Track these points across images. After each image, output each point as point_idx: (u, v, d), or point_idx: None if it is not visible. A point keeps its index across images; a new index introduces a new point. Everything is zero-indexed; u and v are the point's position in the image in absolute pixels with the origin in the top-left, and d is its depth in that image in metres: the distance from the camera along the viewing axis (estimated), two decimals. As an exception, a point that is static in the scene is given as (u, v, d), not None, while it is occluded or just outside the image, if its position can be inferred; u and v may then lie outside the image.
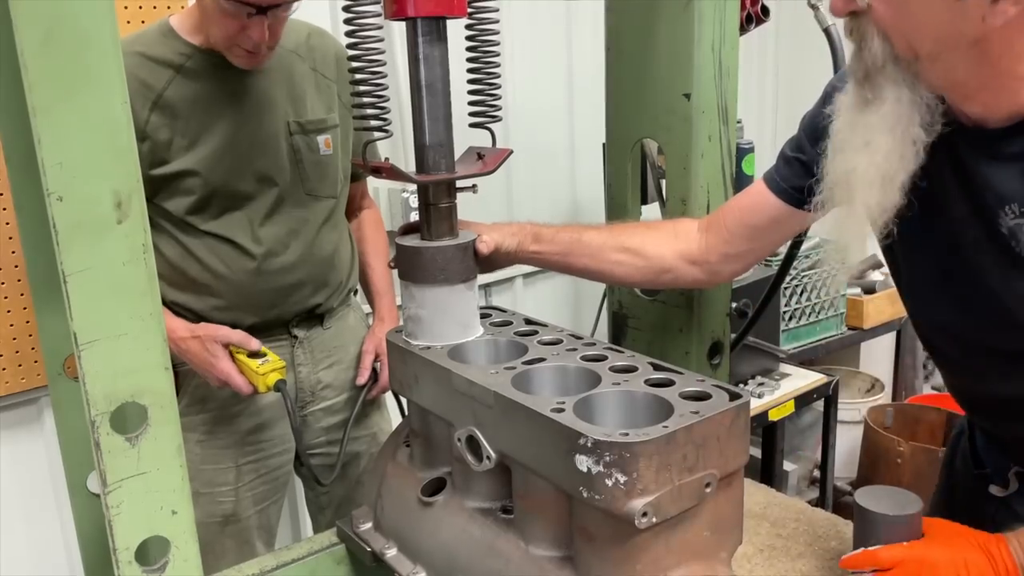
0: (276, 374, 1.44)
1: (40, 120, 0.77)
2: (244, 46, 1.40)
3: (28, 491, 1.82)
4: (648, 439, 0.85)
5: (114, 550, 0.88)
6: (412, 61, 1.11)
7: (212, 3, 1.35)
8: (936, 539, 0.98)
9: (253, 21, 1.36)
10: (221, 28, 1.38)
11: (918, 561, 0.96)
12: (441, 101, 1.13)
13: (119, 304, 0.84)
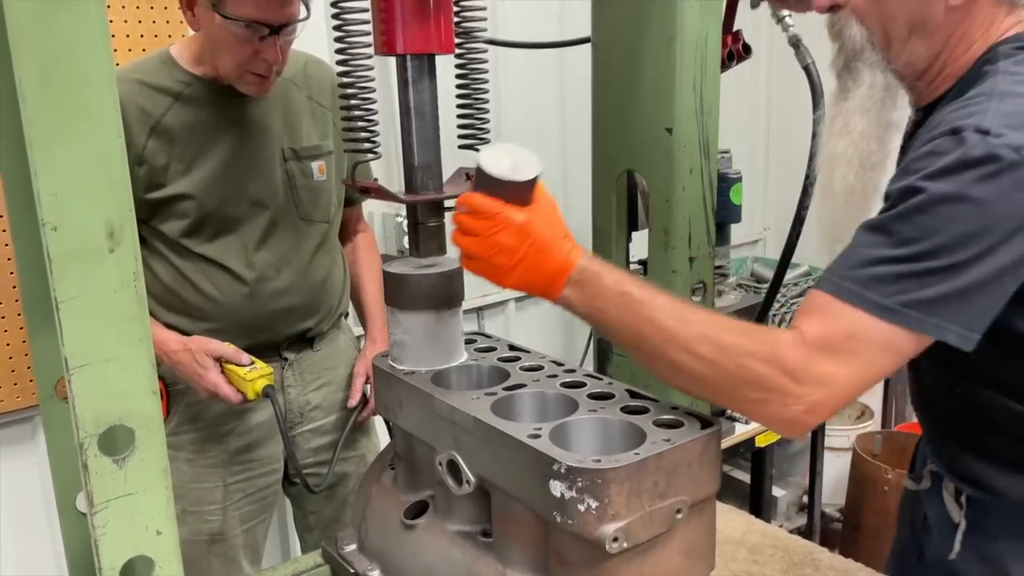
0: (264, 380, 1.46)
1: (37, 153, 0.81)
2: (257, 70, 1.45)
3: (21, 508, 1.84)
4: (619, 466, 0.88)
5: (99, 569, 0.90)
6: (401, 86, 1.15)
7: (223, 32, 1.39)
8: (536, 212, 0.98)
9: (266, 43, 1.41)
10: (233, 55, 1.42)
11: (501, 216, 0.96)
12: (429, 124, 1.16)
13: (109, 330, 0.86)
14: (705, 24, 1.30)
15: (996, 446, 1.08)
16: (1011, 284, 0.89)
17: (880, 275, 0.89)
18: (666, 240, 1.39)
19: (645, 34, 1.33)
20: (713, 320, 0.95)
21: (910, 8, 0.99)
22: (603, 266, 0.99)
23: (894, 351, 0.90)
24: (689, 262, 1.40)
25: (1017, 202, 0.85)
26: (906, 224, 0.89)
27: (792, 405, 0.89)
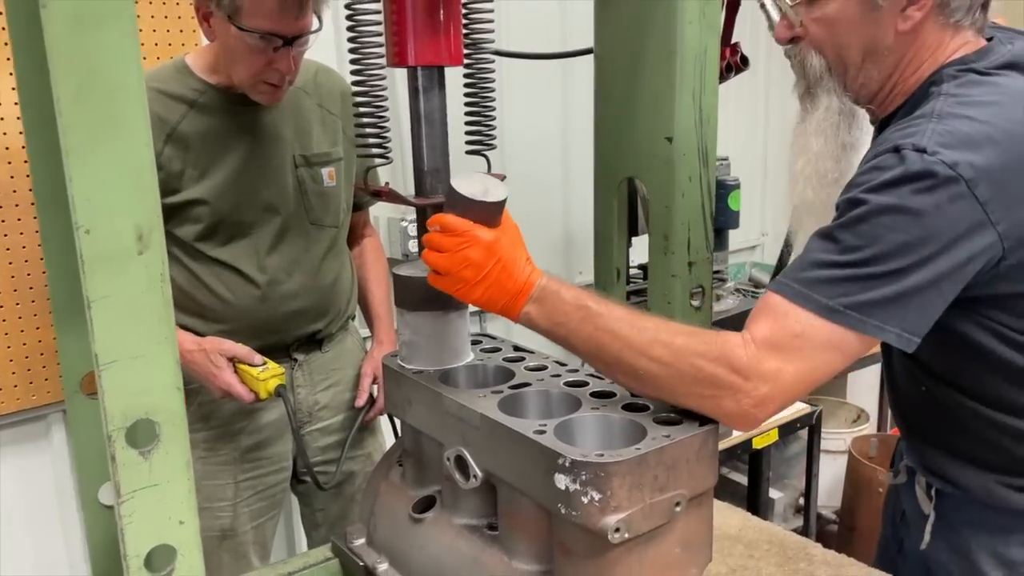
0: (276, 380, 1.50)
1: (72, 161, 0.85)
2: (270, 80, 1.49)
3: (34, 505, 1.88)
4: (621, 460, 0.92)
5: (125, 556, 0.94)
6: (412, 95, 1.20)
7: (238, 43, 1.44)
8: (502, 233, 1.04)
9: (280, 54, 1.46)
10: (248, 66, 1.47)
11: (470, 234, 1.02)
12: (439, 130, 1.21)
13: (137, 329, 0.91)
14: (704, 38, 1.35)
15: (960, 444, 1.14)
16: (949, 291, 0.95)
17: (825, 278, 0.95)
18: (666, 245, 1.44)
19: (646, 47, 1.38)
20: (665, 326, 1.01)
21: (862, 36, 1.07)
22: (561, 284, 1.05)
23: (838, 349, 0.96)
24: (688, 267, 1.44)
25: (952, 214, 0.92)
26: (850, 233, 0.95)
27: (742, 400, 0.95)
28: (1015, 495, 1.10)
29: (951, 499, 1.18)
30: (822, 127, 1.14)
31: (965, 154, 0.93)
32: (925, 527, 1.21)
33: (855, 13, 1.06)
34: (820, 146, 1.14)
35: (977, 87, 1.01)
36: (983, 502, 1.13)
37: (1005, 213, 0.94)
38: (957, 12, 1.06)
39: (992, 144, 0.94)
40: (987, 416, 1.10)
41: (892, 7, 1.05)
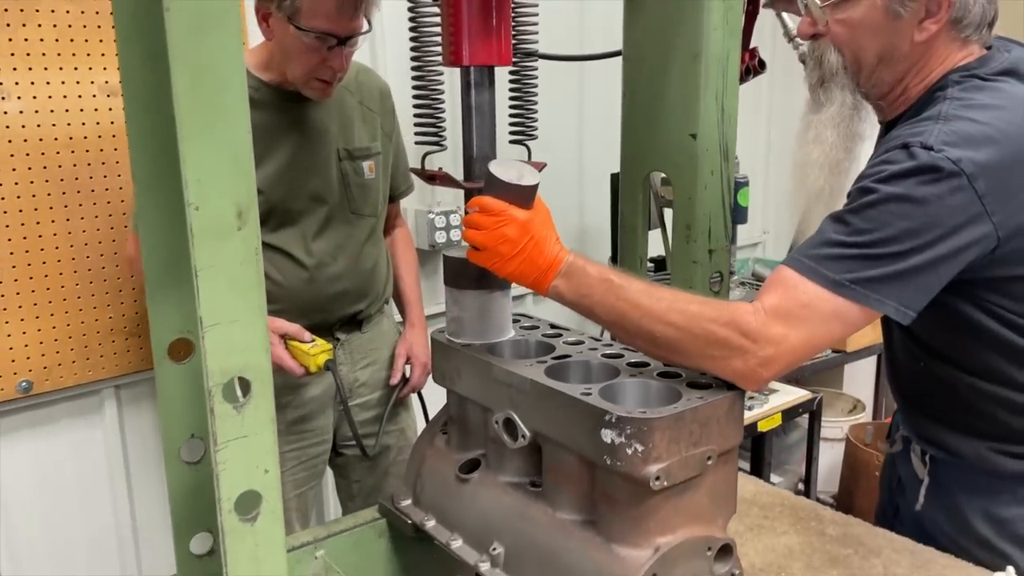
0: (325, 355, 1.61)
1: (185, 145, 0.97)
2: (323, 77, 1.61)
3: (86, 475, 1.99)
4: (662, 416, 1.05)
5: (218, 500, 1.06)
6: (464, 90, 1.32)
7: (296, 42, 1.55)
8: (535, 214, 1.16)
9: (333, 53, 1.58)
10: (303, 63, 1.58)
11: (506, 213, 1.14)
12: (487, 121, 1.33)
13: (235, 296, 1.02)
14: (727, 43, 1.47)
15: (953, 413, 1.27)
16: (946, 273, 1.07)
17: (835, 256, 1.07)
18: (688, 234, 1.56)
19: (674, 50, 1.50)
20: (680, 296, 1.14)
21: (881, 41, 1.19)
22: (587, 261, 1.17)
23: (841, 320, 1.07)
24: (708, 254, 1.56)
25: (953, 204, 1.04)
26: (859, 217, 1.07)
27: (749, 360, 1.08)
28: (1006, 460, 1.22)
29: (944, 465, 1.30)
30: (836, 119, 1.26)
31: (967, 151, 1.04)
32: (920, 490, 1.33)
33: (878, 20, 1.18)
34: (835, 137, 1.25)
35: (979, 92, 1.13)
36: (975, 467, 1.25)
37: (1001, 205, 1.06)
38: (968, 29, 1.17)
39: (991, 143, 1.06)
40: (982, 389, 1.22)
41: (912, 19, 1.16)
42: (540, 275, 1.16)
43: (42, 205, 1.80)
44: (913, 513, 1.37)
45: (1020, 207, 1.07)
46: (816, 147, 1.28)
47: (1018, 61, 1.18)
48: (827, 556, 1.29)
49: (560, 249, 1.17)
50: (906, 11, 1.16)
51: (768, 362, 1.07)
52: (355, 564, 1.48)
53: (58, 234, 1.83)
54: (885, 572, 1.23)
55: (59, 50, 1.77)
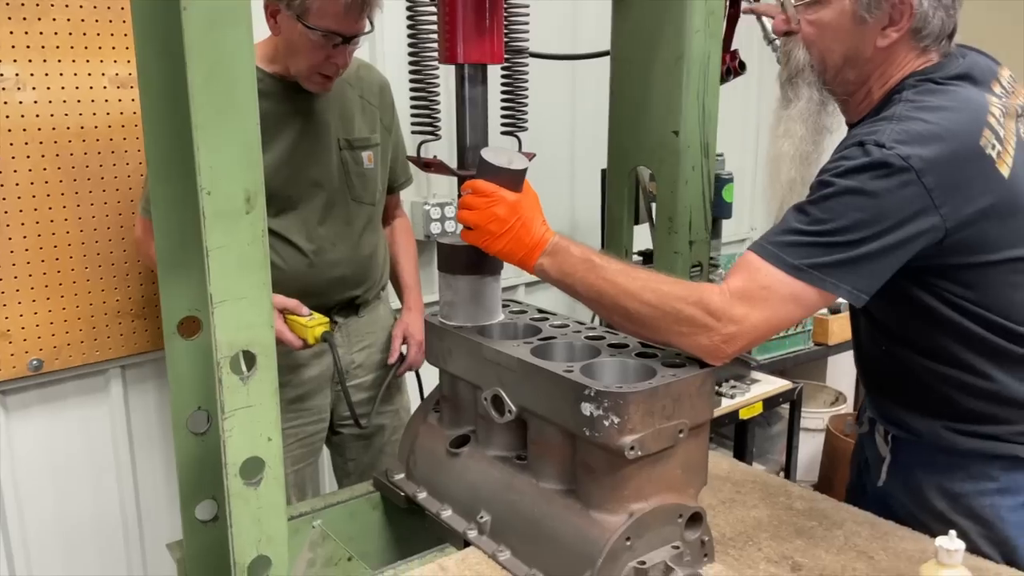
0: (322, 327, 1.66)
1: (199, 134, 1.05)
2: (326, 72, 1.69)
3: (94, 450, 2.06)
4: (637, 390, 1.13)
5: (225, 464, 1.14)
6: (459, 84, 1.40)
7: (303, 39, 1.64)
8: (523, 196, 1.26)
9: (337, 50, 1.66)
10: (308, 58, 1.67)
11: (496, 194, 1.23)
12: (480, 113, 1.41)
13: (243, 274, 1.10)
14: (708, 45, 1.56)
15: (911, 395, 1.36)
16: (896, 260, 1.16)
17: (794, 242, 1.16)
18: (670, 226, 1.64)
19: (658, 52, 1.59)
20: (654, 276, 1.23)
21: (846, 43, 1.28)
22: (571, 242, 1.26)
23: (798, 302, 1.16)
24: (689, 245, 1.65)
25: (903, 197, 1.13)
26: (818, 208, 1.16)
27: (713, 336, 1.16)
28: (959, 438, 1.31)
29: (905, 443, 1.39)
30: (804, 114, 1.34)
31: (916, 149, 1.13)
32: (883, 468, 1.42)
33: (845, 23, 1.26)
34: (803, 131, 1.34)
35: (931, 95, 1.21)
36: (932, 445, 1.34)
37: (948, 199, 1.14)
38: (927, 39, 1.26)
39: (939, 141, 1.14)
40: (936, 371, 1.30)
41: (876, 25, 1.25)
42: (527, 253, 1.24)
43: (54, 191, 1.88)
44: (876, 490, 1.45)
45: (967, 200, 1.16)
46: (786, 141, 1.36)
47: (972, 66, 1.26)
48: (793, 527, 1.37)
49: (546, 230, 1.25)
50: (871, 17, 1.24)
51: (731, 339, 1.16)
52: (350, 533, 1.56)
53: (69, 220, 1.90)
54: (846, 542, 1.32)
55: (72, 43, 1.84)
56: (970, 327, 1.24)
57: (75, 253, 1.92)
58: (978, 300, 1.22)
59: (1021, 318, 1.23)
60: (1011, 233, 1.19)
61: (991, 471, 1.28)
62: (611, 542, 1.14)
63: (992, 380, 1.26)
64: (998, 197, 1.17)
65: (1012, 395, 1.25)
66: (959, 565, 1.03)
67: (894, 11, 1.23)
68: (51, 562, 2.05)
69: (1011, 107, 1.25)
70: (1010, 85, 1.29)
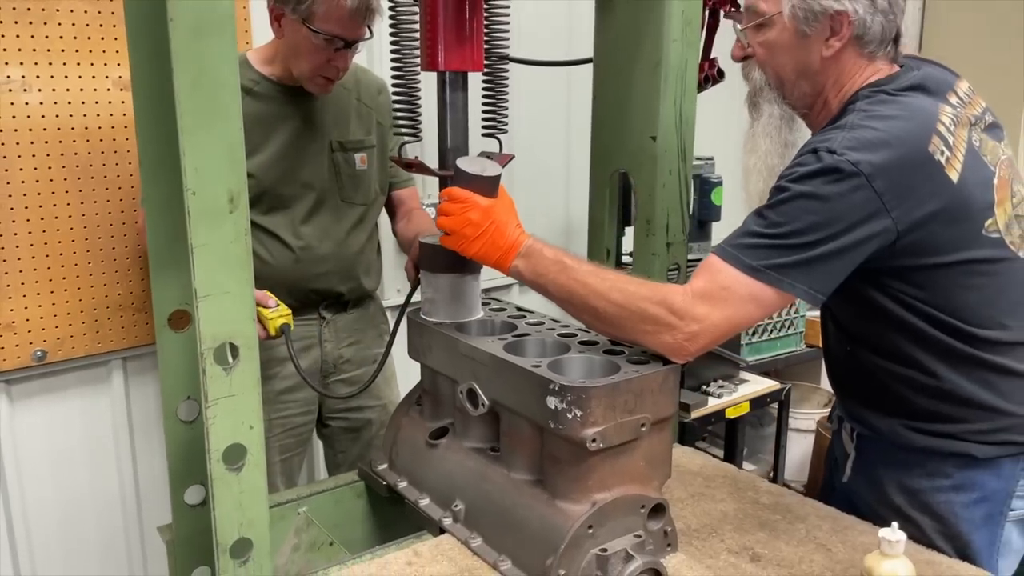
0: (283, 319, 1.65)
1: (185, 138, 1.11)
2: (327, 75, 1.76)
3: (93, 439, 2.13)
4: (599, 385, 1.18)
5: (208, 450, 1.20)
6: (440, 88, 1.45)
7: (306, 42, 1.70)
8: (497, 202, 1.32)
9: (339, 54, 1.73)
10: (311, 61, 1.73)
11: (470, 200, 1.30)
12: (461, 116, 1.47)
13: (226, 270, 1.16)
14: (685, 53, 1.61)
15: (871, 394, 1.41)
16: (850, 261, 1.21)
17: (752, 245, 1.21)
18: (648, 228, 1.70)
19: (636, 59, 1.64)
20: (622, 277, 1.29)
21: (795, 58, 1.34)
22: (544, 245, 1.32)
23: (757, 301, 1.21)
24: (667, 247, 1.70)
25: (853, 201, 1.18)
26: (774, 212, 1.22)
27: (676, 335, 1.22)
28: (916, 436, 1.35)
29: (868, 441, 1.44)
30: (767, 130, 1.41)
31: (865, 155, 1.18)
32: (847, 464, 1.47)
33: (789, 40, 1.32)
34: (767, 145, 1.41)
35: (883, 105, 1.26)
36: (892, 443, 1.38)
37: (899, 202, 1.19)
38: (870, 45, 1.31)
39: (888, 147, 1.19)
40: (891, 370, 1.35)
41: (818, 37, 1.31)
42: (502, 255, 1.30)
43: (58, 189, 1.95)
44: (842, 486, 1.50)
45: (917, 204, 1.20)
46: (752, 155, 1.44)
47: (926, 77, 1.31)
48: (757, 520, 1.42)
49: (520, 233, 1.31)
50: (812, 31, 1.31)
51: (693, 337, 1.21)
52: (335, 520, 1.62)
53: (72, 216, 1.97)
54: (807, 535, 1.37)
55: (76, 47, 1.92)
56: (922, 327, 1.29)
57: (78, 248, 1.99)
58: (930, 300, 1.27)
59: (971, 318, 1.28)
60: (961, 236, 1.24)
61: (946, 468, 1.33)
62: (573, 529, 1.19)
63: (943, 380, 1.30)
64: (947, 201, 1.22)
65: (963, 394, 1.30)
66: (900, 555, 1.08)
67: (833, 22, 1.30)
68: (52, 545, 2.13)
69: (964, 116, 1.29)
70: (967, 96, 1.34)
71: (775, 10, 1.32)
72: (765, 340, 3.00)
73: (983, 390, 1.29)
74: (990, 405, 1.30)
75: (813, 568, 1.27)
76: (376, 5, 1.71)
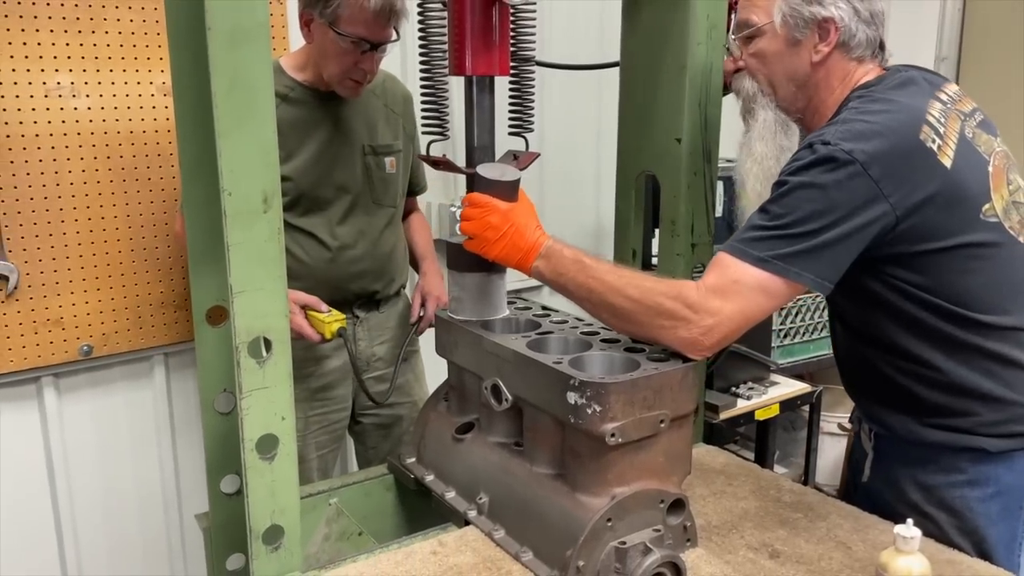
0: (338, 323, 1.76)
1: (222, 140, 1.16)
2: (355, 77, 1.82)
3: (138, 430, 2.22)
4: (618, 381, 1.21)
5: (242, 440, 1.25)
6: (467, 89, 1.49)
7: (334, 45, 1.76)
8: (517, 205, 1.36)
9: (366, 56, 1.78)
10: (339, 64, 1.79)
11: (490, 204, 1.34)
12: (487, 116, 1.51)
13: (260, 267, 1.22)
14: (710, 57, 1.62)
15: (880, 391, 1.42)
16: (854, 247, 1.23)
17: (758, 238, 1.24)
18: (673, 228, 1.72)
19: (662, 62, 1.66)
20: (640, 275, 1.33)
21: (786, 65, 1.39)
22: (564, 245, 1.35)
23: (766, 292, 1.24)
24: (691, 247, 1.72)
25: (851, 188, 1.21)
26: (776, 205, 1.25)
27: (692, 329, 1.25)
28: (927, 431, 1.36)
29: (885, 439, 1.45)
30: (762, 134, 1.45)
31: (858, 144, 1.21)
32: (866, 464, 1.48)
33: (780, 47, 1.38)
34: (763, 149, 1.44)
35: (873, 103, 1.30)
36: (906, 440, 1.39)
37: (895, 188, 1.21)
38: (857, 49, 1.36)
39: (880, 137, 1.22)
40: (897, 365, 1.36)
41: (807, 44, 1.36)
42: (522, 256, 1.34)
43: (105, 190, 2.03)
44: (862, 485, 1.51)
45: (913, 188, 1.23)
46: (749, 159, 1.48)
47: (911, 79, 1.36)
48: (778, 518, 1.43)
49: (541, 235, 1.35)
50: (802, 36, 1.36)
51: (709, 331, 1.24)
52: (364, 512, 1.67)
53: (118, 216, 2.06)
54: (827, 533, 1.38)
55: (123, 54, 2.00)
56: (922, 316, 1.30)
57: (123, 248, 2.08)
58: (930, 287, 1.29)
59: (972, 304, 1.29)
60: (958, 220, 1.27)
61: (959, 463, 1.33)
62: (593, 522, 1.22)
63: (945, 372, 1.32)
64: (942, 185, 1.25)
65: (968, 385, 1.31)
66: (916, 551, 1.09)
67: (820, 28, 1.36)
68: (96, 532, 2.22)
69: (954, 112, 1.33)
70: (956, 96, 1.38)
71: (767, 20, 1.39)
72: (798, 343, 2.99)
73: (987, 380, 1.31)
74: (997, 396, 1.31)
75: (832, 565, 1.28)
76: (400, 6, 1.76)
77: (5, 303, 1.96)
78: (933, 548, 1.30)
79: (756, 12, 1.41)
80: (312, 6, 1.77)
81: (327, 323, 1.75)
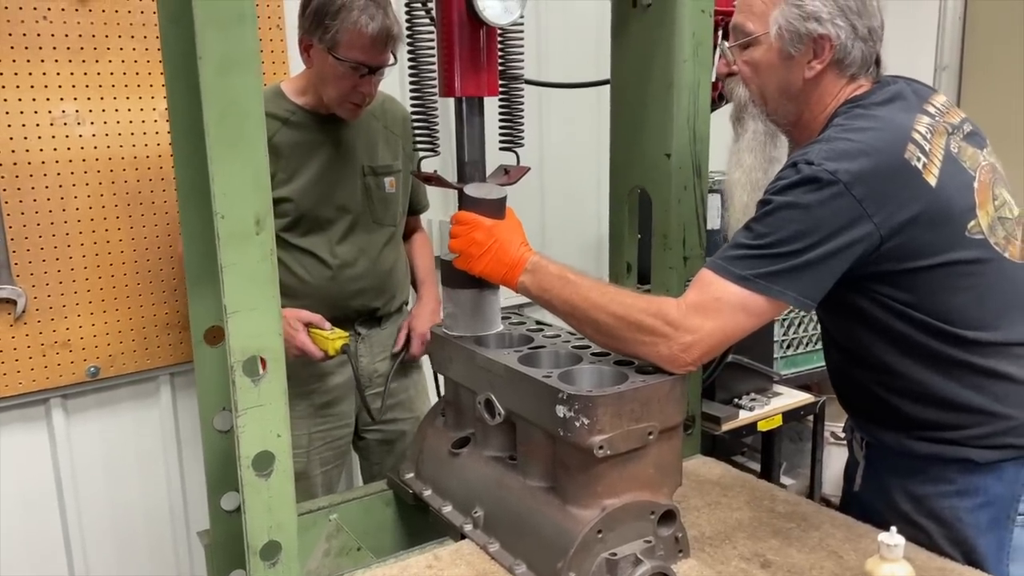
0: (342, 340, 1.80)
1: (215, 165, 1.20)
2: (354, 100, 1.86)
3: (145, 449, 2.26)
4: (605, 394, 1.23)
5: (239, 457, 1.28)
6: (457, 108, 1.52)
7: (333, 70, 1.81)
8: (502, 222, 1.39)
9: (364, 80, 1.83)
10: (338, 87, 1.83)
11: (475, 221, 1.37)
12: (477, 132, 1.53)
13: (254, 288, 1.24)
14: (697, 74, 1.65)
15: (870, 406, 1.43)
16: (837, 267, 1.24)
17: (741, 256, 1.25)
18: (665, 242, 1.74)
19: (649, 79, 1.69)
20: (623, 292, 1.33)
21: (778, 77, 1.38)
22: (549, 261, 1.38)
23: (748, 310, 1.25)
24: (683, 261, 1.73)
25: (835, 208, 1.21)
26: (760, 224, 1.26)
27: (672, 346, 1.26)
28: (916, 444, 1.36)
29: (875, 449, 1.45)
30: (751, 145, 1.45)
31: (842, 164, 1.21)
32: (858, 473, 1.49)
33: (774, 60, 1.37)
34: (751, 160, 1.44)
35: (859, 119, 1.30)
36: (896, 451, 1.39)
37: (879, 208, 1.22)
38: (851, 68, 1.36)
39: (863, 156, 1.22)
40: (885, 383, 1.37)
41: (801, 59, 1.35)
42: (507, 271, 1.36)
43: (110, 215, 2.08)
44: (854, 495, 1.51)
45: (897, 208, 1.23)
46: (737, 170, 1.47)
47: (899, 92, 1.35)
48: (771, 528, 1.44)
49: (526, 250, 1.37)
50: (796, 52, 1.35)
51: (688, 348, 1.25)
52: (364, 528, 1.69)
53: (123, 239, 2.10)
54: (819, 543, 1.38)
55: (126, 82, 2.05)
56: (910, 333, 1.31)
57: (128, 270, 2.12)
58: (918, 304, 1.29)
59: (959, 321, 1.29)
60: (943, 238, 1.27)
61: (948, 474, 1.34)
62: (583, 534, 1.24)
63: (934, 388, 1.32)
64: (927, 204, 1.25)
65: (958, 401, 1.32)
66: (900, 559, 1.10)
67: (816, 45, 1.34)
68: (104, 549, 2.25)
69: (941, 126, 1.32)
70: (944, 107, 1.37)
71: (763, 30, 1.37)
72: (801, 353, 2.99)
73: (976, 394, 1.31)
74: (986, 410, 1.31)
75: (823, 574, 1.29)
76: (397, 31, 1.80)
77: (14, 326, 2.00)
78: (924, 557, 1.31)
79: (752, 20, 1.39)
80: (311, 32, 1.81)
81: (330, 340, 1.79)
